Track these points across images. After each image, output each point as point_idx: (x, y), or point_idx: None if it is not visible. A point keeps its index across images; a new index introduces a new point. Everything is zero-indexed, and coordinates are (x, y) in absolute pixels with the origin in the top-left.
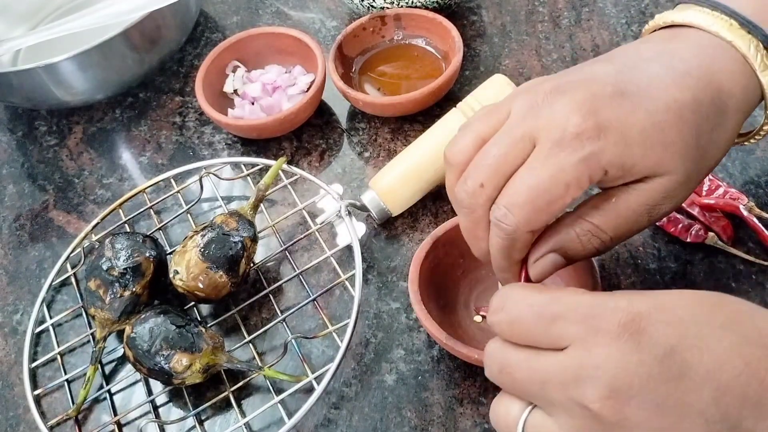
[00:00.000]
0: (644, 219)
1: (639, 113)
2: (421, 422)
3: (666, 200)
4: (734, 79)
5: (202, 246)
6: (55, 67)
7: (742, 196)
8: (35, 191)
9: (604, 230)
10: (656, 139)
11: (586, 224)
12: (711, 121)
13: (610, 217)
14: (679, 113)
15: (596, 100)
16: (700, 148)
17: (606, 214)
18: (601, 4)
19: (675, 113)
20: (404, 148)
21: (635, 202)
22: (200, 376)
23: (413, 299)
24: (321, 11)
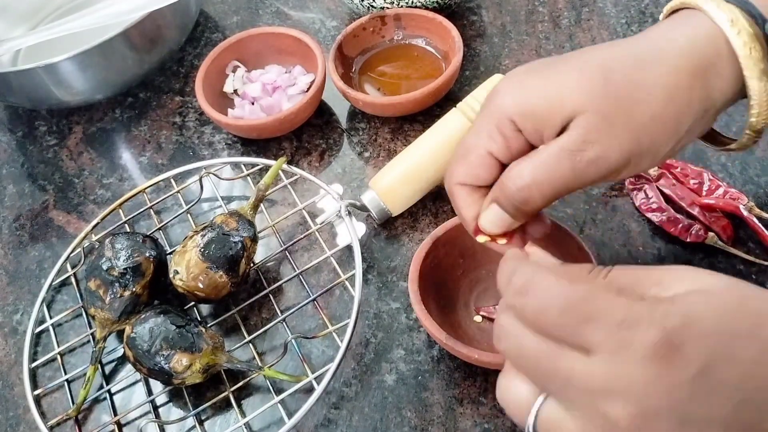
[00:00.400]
0: (566, 170)
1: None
2: (421, 422)
3: (586, 141)
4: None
5: (202, 246)
6: (55, 67)
7: (742, 196)
8: (35, 191)
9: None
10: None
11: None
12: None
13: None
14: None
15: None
16: (611, 83)
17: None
18: (601, 4)
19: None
20: (404, 148)
21: (555, 150)
22: (200, 376)
23: (413, 299)
24: (321, 11)
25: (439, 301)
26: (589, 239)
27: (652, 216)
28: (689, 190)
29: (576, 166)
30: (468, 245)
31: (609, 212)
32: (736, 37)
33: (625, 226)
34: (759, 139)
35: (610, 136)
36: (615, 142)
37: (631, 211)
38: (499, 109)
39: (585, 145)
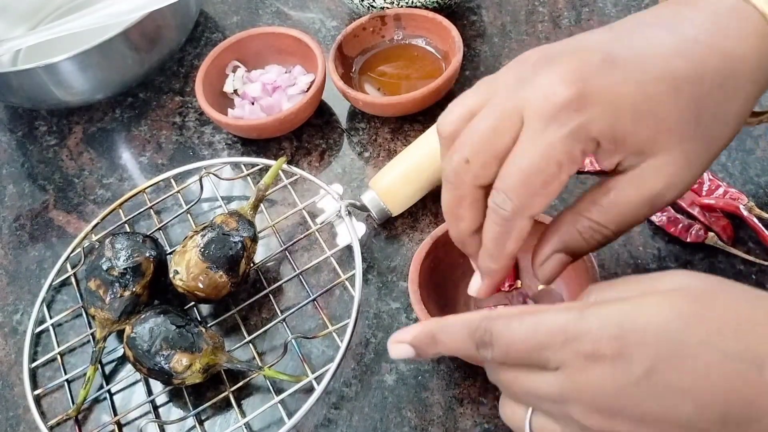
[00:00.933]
0: (645, 210)
1: (630, 82)
2: (421, 422)
3: (667, 189)
4: (749, 42)
5: (202, 246)
6: (55, 67)
7: (742, 196)
8: (35, 191)
9: (606, 225)
10: (647, 110)
11: (586, 221)
12: (715, 94)
13: (611, 213)
14: (674, 84)
15: (583, 68)
16: (701, 125)
17: (606, 210)
18: (601, 4)
19: (669, 84)
20: (404, 148)
21: (635, 194)
22: (200, 376)
23: (413, 299)
24: (321, 11)
25: (439, 301)
26: None
27: (652, 216)
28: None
29: (655, 208)
30: None
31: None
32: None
33: None
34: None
35: (691, 178)
36: (692, 179)
37: None
38: (586, 133)
39: (667, 190)
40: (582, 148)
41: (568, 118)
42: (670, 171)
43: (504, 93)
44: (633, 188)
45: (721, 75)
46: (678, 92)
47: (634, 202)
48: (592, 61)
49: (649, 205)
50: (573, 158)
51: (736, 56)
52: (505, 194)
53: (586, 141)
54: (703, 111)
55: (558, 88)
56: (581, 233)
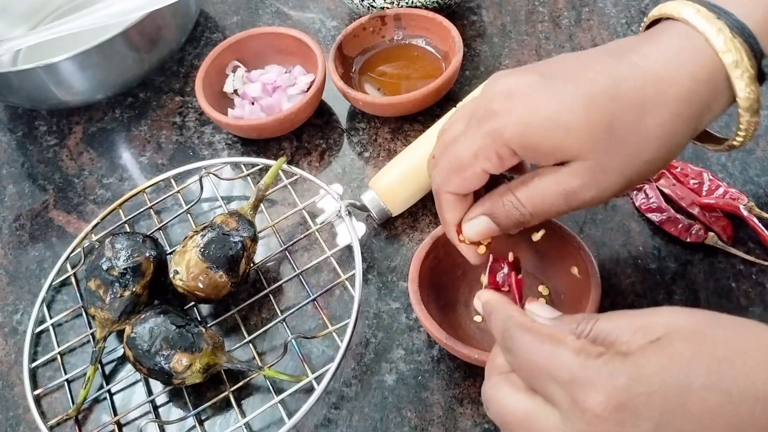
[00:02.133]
0: (561, 203)
1: (548, 98)
2: (421, 422)
3: (583, 189)
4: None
5: (202, 246)
6: (55, 67)
7: (742, 196)
8: (35, 191)
9: (524, 205)
10: (558, 122)
11: (510, 195)
12: (634, 110)
13: (530, 195)
14: (589, 99)
15: (517, 86)
16: (615, 137)
17: (527, 191)
18: (601, 4)
19: (584, 98)
20: (404, 148)
21: (552, 186)
22: (200, 376)
23: (413, 299)
24: (321, 11)
25: (439, 301)
26: (589, 239)
27: (652, 216)
28: (689, 190)
29: (570, 203)
30: None
31: (609, 212)
32: (739, 79)
33: (625, 226)
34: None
35: (606, 183)
36: (609, 187)
37: (631, 211)
38: (499, 136)
39: (582, 190)
40: (496, 149)
41: (489, 120)
42: (584, 175)
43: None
44: (552, 179)
45: (643, 92)
46: (592, 106)
47: (551, 192)
48: (526, 80)
49: (564, 199)
50: (487, 155)
51: (667, 78)
52: (437, 170)
53: (499, 143)
54: (619, 124)
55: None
56: (503, 204)
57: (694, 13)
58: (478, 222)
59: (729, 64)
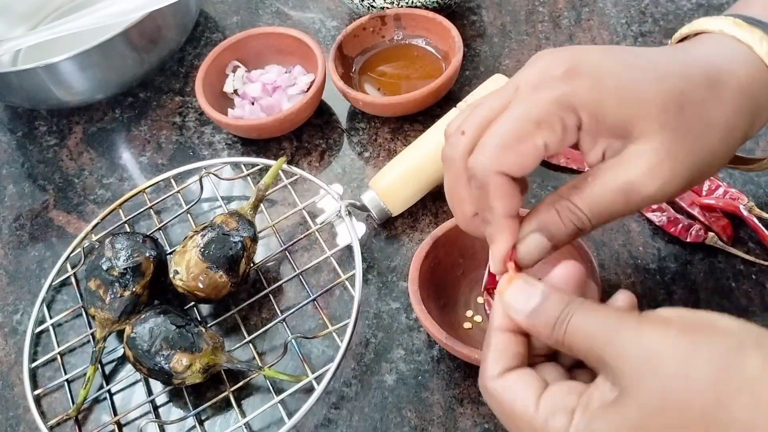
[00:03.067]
0: (620, 199)
1: (618, 66)
2: (421, 422)
3: (644, 179)
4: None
5: (202, 246)
6: (55, 67)
7: (742, 196)
8: (35, 191)
9: (582, 209)
10: (631, 93)
11: (565, 202)
12: (701, 92)
13: (587, 196)
14: (659, 74)
15: (578, 53)
16: (684, 117)
17: (583, 193)
18: (601, 4)
19: (655, 73)
20: (404, 148)
21: (611, 181)
22: (200, 376)
23: (413, 299)
24: (321, 11)
25: (439, 301)
26: (589, 239)
27: (652, 216)
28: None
29: (630, 201)
30: (468, 245)
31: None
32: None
33: (625, 226)
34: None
35: (671, 173)
36: (675, 178)
37: None
38: (568, 101)
39: (644, 181)
40: (562, 118)
41: (554, 85)
42: (648, 159)
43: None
44: (610, 174)
45: (707, 78)
46: (663, 81)
47: (610, 188)
48: (587, 50)
49: (623, 194)
50: (551, 124)
51: (725, 70)
52: (480, 151)
53: (567, 110)
54: (687, 105)
55: (551, 64)
56: (559, 213)
57: (731, 24)
58: (532, 240)
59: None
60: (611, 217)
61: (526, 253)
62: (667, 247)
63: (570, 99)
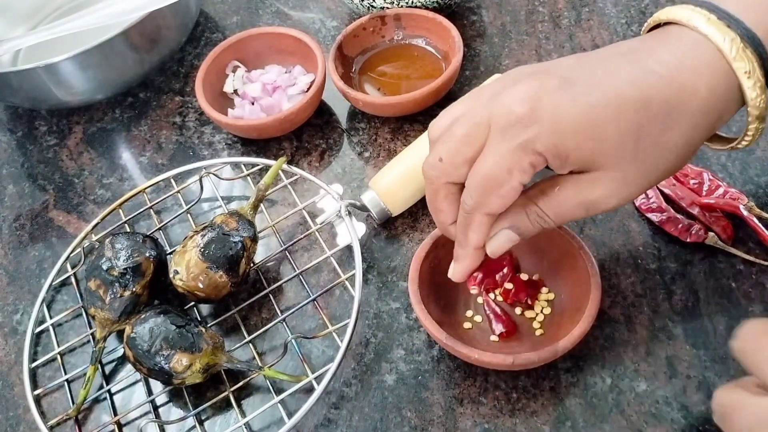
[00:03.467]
0: (581, 212)
1: (578, 104)
2: (421, 422)
3: (604, 199)
4: (701, 75)
5: (202, 246)
6: (55, 67)
7: (742, 196)
8: (35, 191)
9: (548, 215)
10: (591, 131)
11: (534, 207)
12: (660, 122)
13: (552, 205)
14: (619, 110)
15: (539, 90)
16: (640, 149)
17: (549, 201)
18: (601, 4)
19: (615, 109)
20: (404, 148)
21: (573, 196)
22: (200, 376)
23: (413, 299)
24: (321, 11)
25: (439, 301)
26: (589, 239)
27: (652, 216)
28: (689, 190)
29: (591, 212)
30: None
31: (609, 212)
32: (752, 89)
33: (625, 226)
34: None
35: (627, 193)
36: (630, 195)
37: (631, 211)
38: (531, 146)
39: (603, 200)
40: (530, 161)
41: (518, 132)
42: (607, 186)
43: (479, 105)
44: (573, 190)
45: (668, 105)
46: (621, 117)
47: (572, 202)
48: (549, 84)
49: (584, 209)
50: (522, 168)
51: (688, 89)
52: (468, 193)
53: (532, 154)
54: (645, 136)
55: (514, 106)
56: (528, 215)
57: (705, 21)
58: (503, 236)
59: (742, 75)
60: (573, 220)
61: (497, 246)
62: (667, 247)
63: (533, 145)
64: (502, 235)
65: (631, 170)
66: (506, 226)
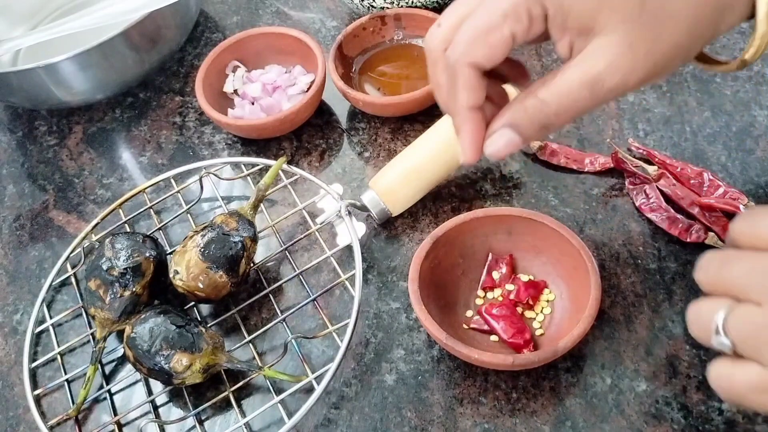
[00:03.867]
0: (586, 94)
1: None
2: (421, 422)
3: (609, 71)
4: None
5: (202, 246)
6: (55, 67)
7: (742, 196)
8: (35, 191)
9: (548, 103)
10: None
11: (532, 98)
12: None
13: (554, 90)
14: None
15: None
16: (646, 11)
17: (550, 87)
18: None
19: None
20: (404, 148)
21: (576, 75)
22: (200, 376)
23: (413, 300)
24: (321, 11)
25: (439, 302)
26: (589, 239)
27: (652, 216)
28: (689, 190)
29: (596, 93)
30: (467, 245)
31: (609, 212)
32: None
33: (625, 226)
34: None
35: (633, 64)
36: (636, 70)
37: (631, 211)
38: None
39: (607, 73)
40: (528, 8)
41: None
42: (611, 51)
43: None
44: (576, 68)
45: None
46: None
47: (576, 80)
48: None
49: (588, 87)
50: (518, 15)
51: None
52: (454, 44)
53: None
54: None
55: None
56: (526, 108)
57: None
58: (500, 135)
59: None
60: (578, 112)
61: (496, 148)
62: (667, 247)
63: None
64: (500, 135)
65: (635, 35)
66: (504, 123)
